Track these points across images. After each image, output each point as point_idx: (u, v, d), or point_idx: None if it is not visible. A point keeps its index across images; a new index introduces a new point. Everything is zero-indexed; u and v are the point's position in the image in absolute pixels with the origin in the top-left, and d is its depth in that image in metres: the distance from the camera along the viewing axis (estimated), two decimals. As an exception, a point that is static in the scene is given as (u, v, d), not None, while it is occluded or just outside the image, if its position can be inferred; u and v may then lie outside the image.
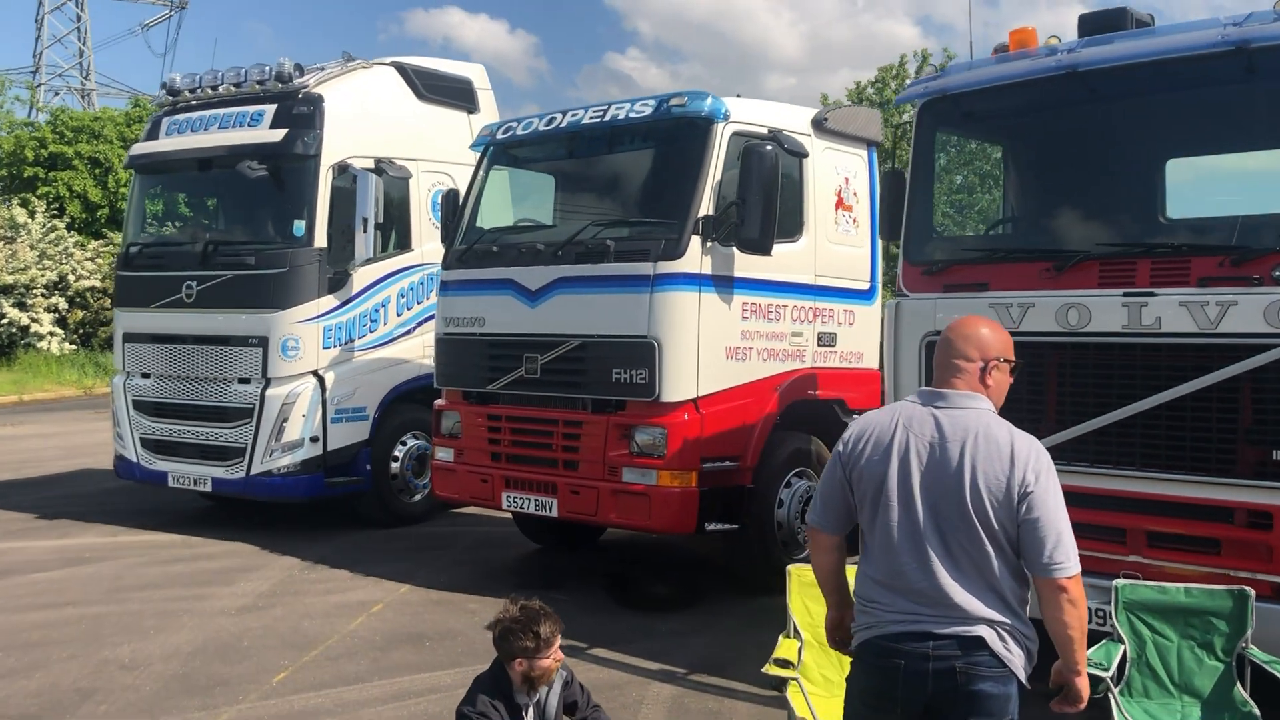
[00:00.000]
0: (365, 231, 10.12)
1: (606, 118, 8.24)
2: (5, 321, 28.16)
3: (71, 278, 29.56)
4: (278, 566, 9.16)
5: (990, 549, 3.04)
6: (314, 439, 10.11)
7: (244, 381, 10.22)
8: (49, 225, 30.71)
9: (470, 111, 11.81)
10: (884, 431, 3.20)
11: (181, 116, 10.93)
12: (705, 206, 7.71)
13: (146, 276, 10.88)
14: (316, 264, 10.11)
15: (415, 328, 11.03)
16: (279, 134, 10.12)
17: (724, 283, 7.83)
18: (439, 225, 11.06)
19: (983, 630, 3.02)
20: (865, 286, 9.01)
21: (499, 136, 9.07)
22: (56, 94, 60.53)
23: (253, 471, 10.11)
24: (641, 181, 8.44)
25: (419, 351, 11.07)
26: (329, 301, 10.23)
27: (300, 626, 7.44)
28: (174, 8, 64.16)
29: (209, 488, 10.40)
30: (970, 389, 3.18)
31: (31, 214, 30.73)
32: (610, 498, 7.81)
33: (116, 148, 34.08)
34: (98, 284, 29.51)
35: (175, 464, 10.61)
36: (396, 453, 10.87)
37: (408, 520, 10.96)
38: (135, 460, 10.90)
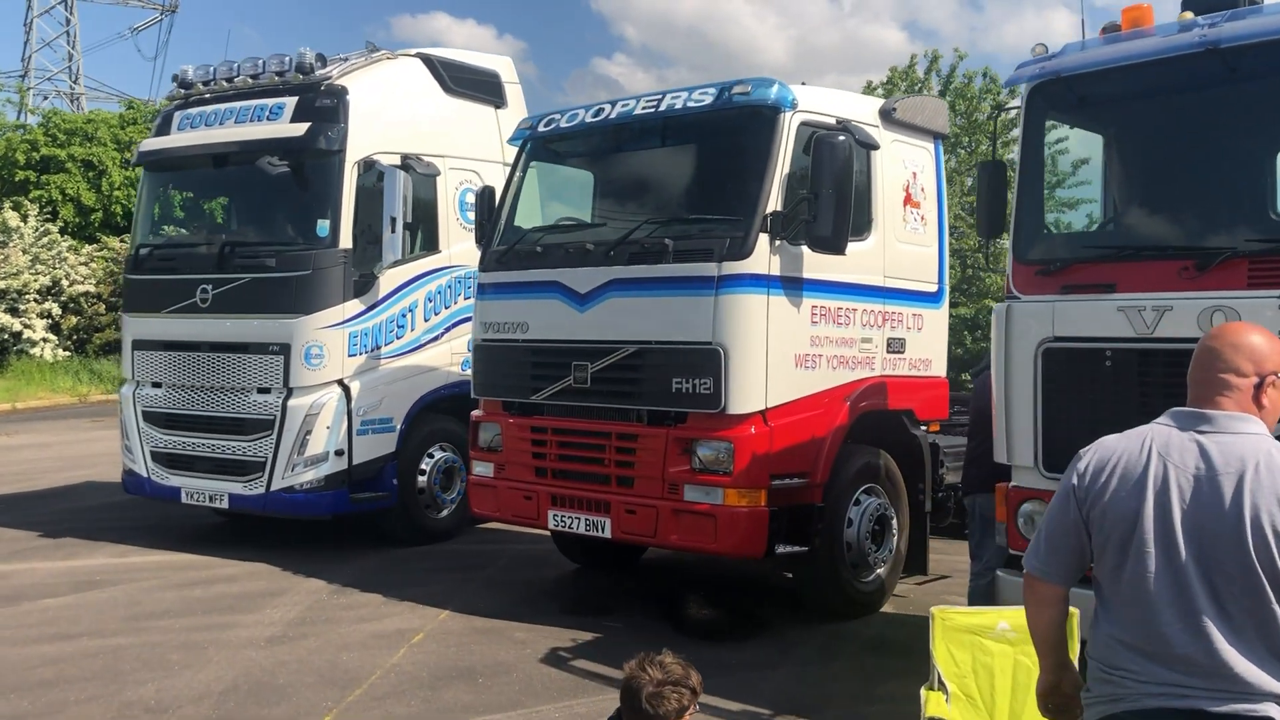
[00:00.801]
0: (393, 232, 9.53)
1: (661, 108, 7.67)
2: (-3, 328, 27.47)
3: (65, 283, 28.86)
4: (303, 590, 8.54)
5: (1278, 606, 2.47)
6: (339, 452, 9.50)
7: (264, 391, 9.60)
8: (42, 229, 30.01)
9: (498, 106, 11.22)
10: (1133, 462, 2.63)
11: (195, 110, 10.32)
12: (773, 202, 7.14)
13: (158, 280, 10.25)
14: (341, 266, 9.50)
15: (443, 333, 10.45)
16: (301, 128, 9.51)
17: (793, 284, 7.26)
18: (468, 226, 10.53)
19: (1272, 710, 2.45)
20: (933, 289, 8.45)
21: (540, 129, 8.49)
22: (45, 98, 59.78)
23: (273, 487, 9.49)
24: (700, 176, 7.85)
25: (447, 359, 10.49)
26: (354, 306, 9.62)
27: (338, 660, 6.83)
28: (164, 11, 63.46)
29: (225, 504, 9.77)
30: (1241, 409, 2.61)
31: (24, 218, 30.01)
32: (670, 518, 7.23)
33: (110, 150, 33.41)
34: (92, 289, 28.85)
35: (189, 479, 9.98)
36: (423, 466, 10.28)
37: (435, 537, 10.36)
38: (145, 475, 10.27)
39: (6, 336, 27.58)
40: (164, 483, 10.16)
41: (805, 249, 7.25)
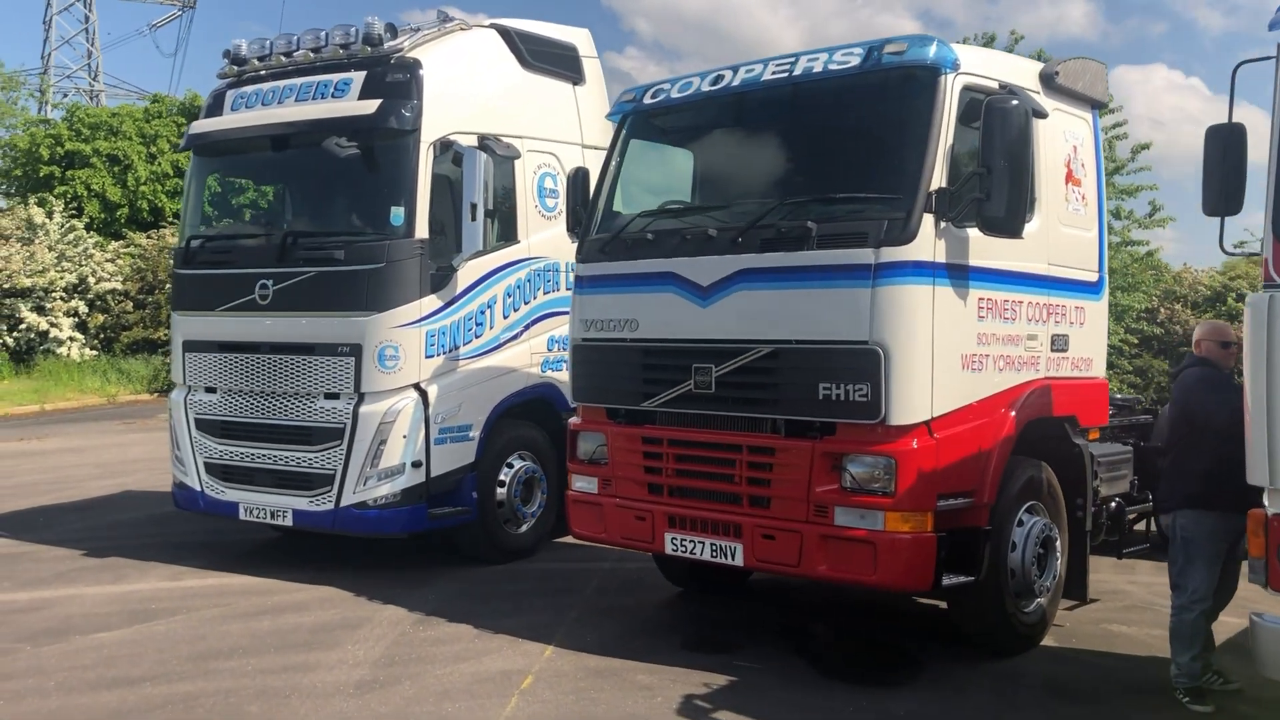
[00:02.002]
0: (473, 220, 8.60)
1: (796, 72, 6.71)
2: (24, 326, 26.74)
3: (91, 280, 28.15)
4: (383, 621, 7.63)
5: None
6: (416, 464, 8.58)
7: (332, 397, 8.68)
8: (67, 225, 29.31)
9: (575, 82, 10.29)
10: None
11: (250, 89, 9.40)
12: (937, 178, 6.17)
13: (212, 275, 9.33)
14: (418, 258, 8.57)
15: (522, 332, 9.52)
16: (370, 105, 8.58)
17: (959, 273, 6.30)
18: (547, 214, 9.64)
19: None
20: (1094, 278, 7.47)
21: (646, 101, 7.54)
22: (65, 95, 59.27)
23: (343, 503, 8.58)
24: (844, 150, 6.87)
25: (526, 359, 9.57)
26: (431, 302, 8.69)
27: (444, 713, 5.90)
28: (183, 7, 62.87)
29: (289, 521, 8.86)
30: None
31: (49, 214, 29.29)
32: (818, 545, 6.28)
33: (136, 145, 32.72)
34: (119, 286, 28.12)
35: (248, 493, 9.08)
36: (502, 477, 9.36)
37: (515, 554, 9.46)
38: (199, 489, 9.37)
39: (33, 335, 26.88)
40: (220, 497, 9.26)
41: (973, 232, 6.29)
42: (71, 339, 27.33)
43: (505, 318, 9.35)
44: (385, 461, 8.50)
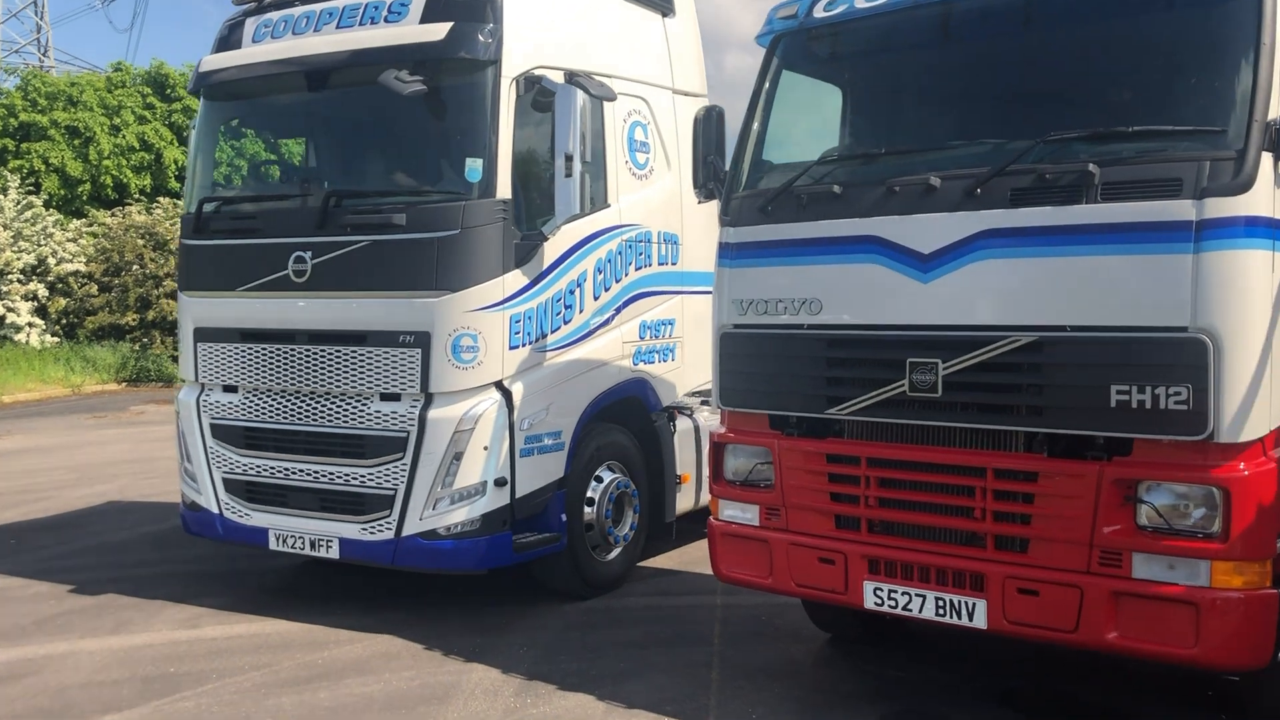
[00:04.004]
0: (569, 175, 6.84)
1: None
2: (-22, 312, 24.54)
3: (52, 261, 25.95)
4: (475, 690, 5.91)
5: None
6: (499, 482, 6.84)
7: (391, 398, 6.91)
8: (24, 203, 27.03)
9: (665, 14, 8.54)
10: None
11: (276, 15, 7.54)
12: (1274, 104, 4.53)
13: (231, 246, 7.51)
14: (500, 223, 6.81)
15: (613, 315, 7.80)
16: (438, 30, 6.78)
17: (1306, 235, 4.66)
18: (639, 171, 7.94)
19: None
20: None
21: (817, 14, 5.80)
22: (13, 72, 56.53)
23: (407, 530, 6.83)
24: (1130, 65, 5.15)
25: (618, 349, 7.86)
26: (516, 279, 6.94)
27: None
28: (139, -22, 60.11)
29: (334, 553, 7.08)
30: None
31: (3, 190, 27.00)
32: (1106, 605, 4.63)
33: (98, 115, 30.35)
34: (81, 268, 25.94)
35: (280, 517, 7.30)
36: (590, 493, 7.66)
37: (604, 586, 7.77)
38: (217, 511, 7.56)
39: (-11, 321, 24.69)
40: (243, 521, 7.46)
41: (1317, 179, 4.65)
42: (31, 325, 25.18)
43: (595, 299, 7.61)
44: (461, 479, 6.75)
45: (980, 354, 4.93)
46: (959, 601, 5.02)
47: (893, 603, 5.24)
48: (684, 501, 8.50)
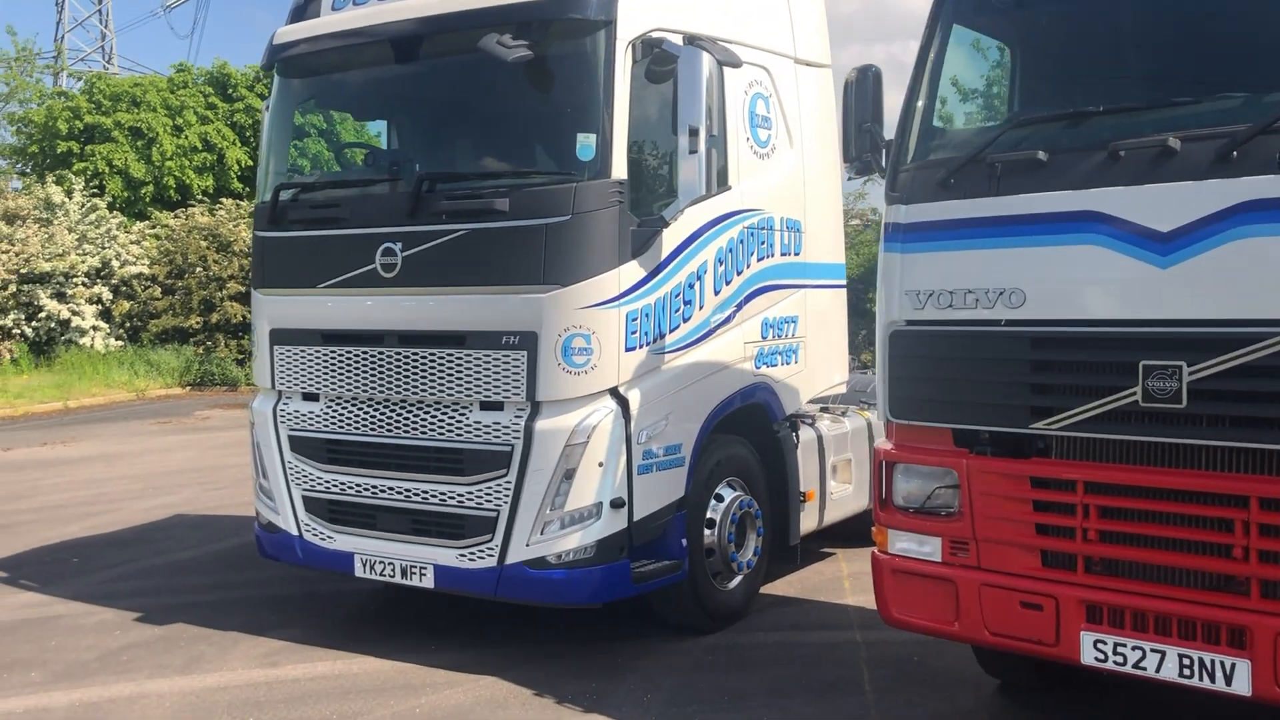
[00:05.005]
0: (693, 152, 5.96)
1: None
2: (43, 315, 24.28)
3: (115, 263, 25.66)
4: (604, 748, 5.06)
5: None
6: (616, 503, 5.98)
7: (492, 407, 6.09)
8: (88, 205, 26.81)
9: (787, -25, 7.64)
10: None
11: (359, -21, 6.77)
12: None
13: (311, 239, 6.74)
14: (616, 208, 5.95)
15: (734, 312, 6.91)
16: (544, -12, 5.96)
17: None
18: (761, 150, 7.03)
19: None
20: None
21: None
22: (79, 79, 57.16)
23: (512, 558, 6.00)
24: None
25: (739, 351, 6.97)
26: (633, 272, 6.08)
27: None
28: (198, -13, 60.57)
29: (429, 582, 6.27)
30: None
31: (68, 193, 26.78)
32: None
33: (161, 116, 30.07)
34: (145, 270, 25.60)
35: (368, 540, 6.51)
36: (710, 514, 6.77)
37: (725, 618, 6.89)
38: (296, 533, 6.79)
39: (54, 325, 24.42)
40: (325, 545, 6.68)
41: None
42: (95, 328, 24.88)
43: (716, 293, 6.73)
44: (574, 500, 5.91)
45: (1240, 355, 3.97)
46: (1212, 661, 4.06)
47: (1119, 659, 4.29)
48: (807, 521, 7.59)
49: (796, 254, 7.51)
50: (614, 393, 6.04)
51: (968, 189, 4.73)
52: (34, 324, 24.40)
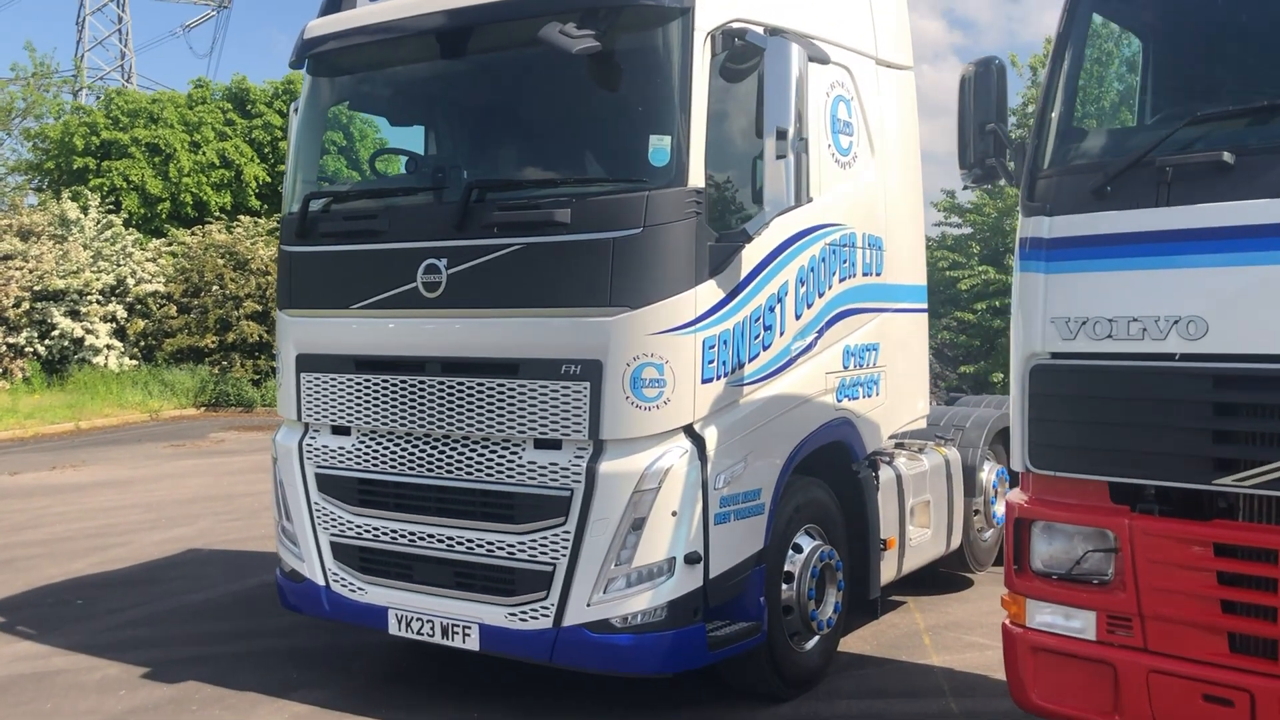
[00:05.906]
0: (782, 157, 5.23)
1: None
2: (56, 333, 23.70)
3: (131, 281, 25.08)
4: None
5: None
6: (691, 558, 5.23)
7: (549, 446, 5.34)
8: (104, 221, 26.30)
9: (869, -32, 6.94)
10: None
11: (399, -35, 6.08)
12: None
13: (344, 254, 6.02)
14: (693, 219, 5.23)
15: (815, 339, 6.16)
16: (613, -29, 5.25)
17: None
18: (843, 158, 6.31)
19: None
20: None
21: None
22: (98, 98, 57.11)
23: (569, 619, 5.24)
24: None
25: (820, 382, 6.22)
26: (710, 293, 5.34)
27: None
28: (217, 7, 60.41)
29: (474, 643, 5.51)
30: None
31: (84, 209, 26.27)
32: None
33: (178, 132, 29.64)
34: (160, 288, 25.01)
35: (404, 594, 5.76)
36: (789, 567, 6.01)
37: (802, 683, 6.11)
38: (323, 583, 6.05)
39: (67, 343, 23.83)
40: (356, 598, 5.93)
41: None
42: (109, 347, 24.30)
43: (797, 317, 5.99)
44: (644, 555, 5.15)
45: None
46: None
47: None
48: (886, 571, 6.83)
49: (878, 274, 6.77)
50: (688, 430, 5.30)
51: (1129, 198, 3.99)
52: (47, 342, 23.84)
